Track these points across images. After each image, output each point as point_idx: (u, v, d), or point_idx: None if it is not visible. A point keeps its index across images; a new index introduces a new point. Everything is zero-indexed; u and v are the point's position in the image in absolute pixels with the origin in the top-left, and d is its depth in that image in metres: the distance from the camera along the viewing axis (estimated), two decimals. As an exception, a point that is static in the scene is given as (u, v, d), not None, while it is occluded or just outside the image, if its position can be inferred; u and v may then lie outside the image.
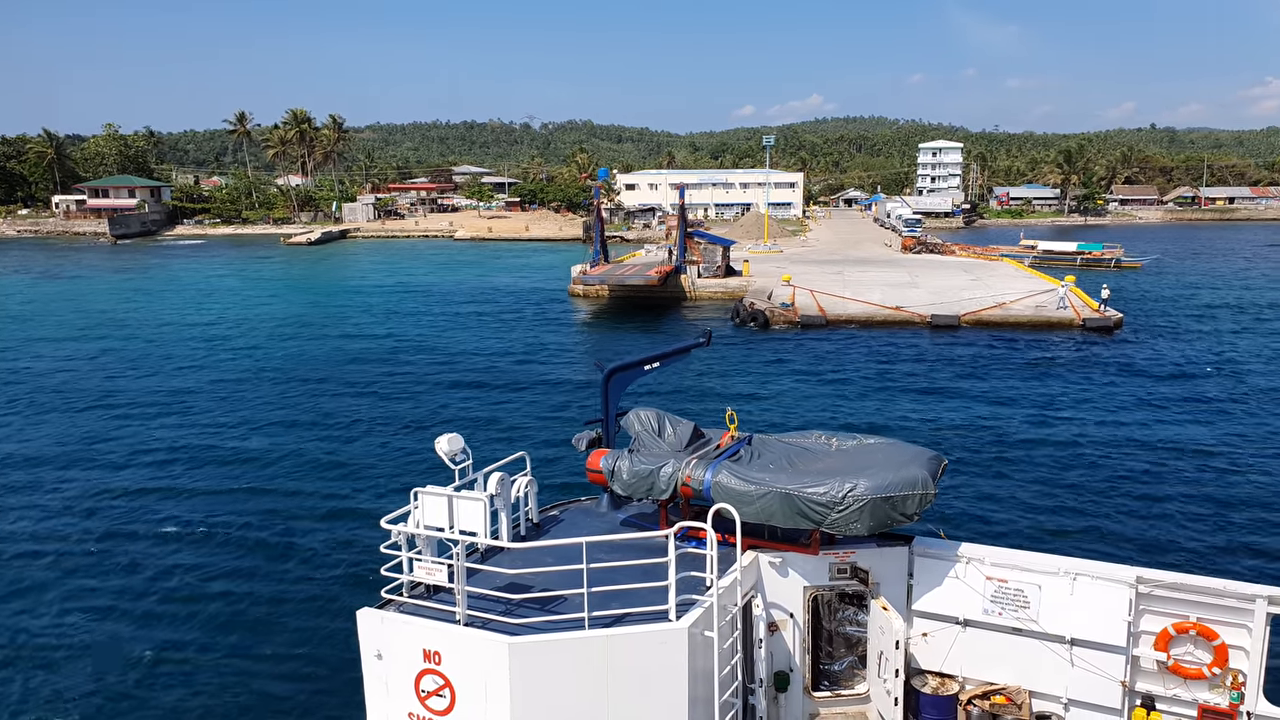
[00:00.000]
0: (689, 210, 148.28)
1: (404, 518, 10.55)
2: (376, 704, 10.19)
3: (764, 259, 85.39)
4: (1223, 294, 69.92)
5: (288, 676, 17.78)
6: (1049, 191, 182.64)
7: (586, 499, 13.59)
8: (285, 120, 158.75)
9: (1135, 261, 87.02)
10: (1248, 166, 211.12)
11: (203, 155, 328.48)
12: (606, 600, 9.81)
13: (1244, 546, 23.17)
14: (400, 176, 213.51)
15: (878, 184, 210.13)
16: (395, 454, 31.30)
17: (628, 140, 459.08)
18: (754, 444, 12.62)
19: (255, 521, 25.41)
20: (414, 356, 48.48)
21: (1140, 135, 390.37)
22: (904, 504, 10.84)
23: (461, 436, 11.45)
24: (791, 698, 11.86)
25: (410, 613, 10.07)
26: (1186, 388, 39.98)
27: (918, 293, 61.78)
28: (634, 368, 13.67)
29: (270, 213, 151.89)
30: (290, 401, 39.03)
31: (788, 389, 40.05)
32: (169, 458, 31.44)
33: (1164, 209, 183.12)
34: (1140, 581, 11.09)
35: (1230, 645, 10.81)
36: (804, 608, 11.69)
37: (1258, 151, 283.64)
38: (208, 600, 20.89)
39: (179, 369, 46.22)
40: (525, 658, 9.34)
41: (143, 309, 67.51)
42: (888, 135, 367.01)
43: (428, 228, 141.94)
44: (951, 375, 42.11)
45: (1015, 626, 11.56)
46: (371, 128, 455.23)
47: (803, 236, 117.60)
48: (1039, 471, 28.52)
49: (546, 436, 31.62)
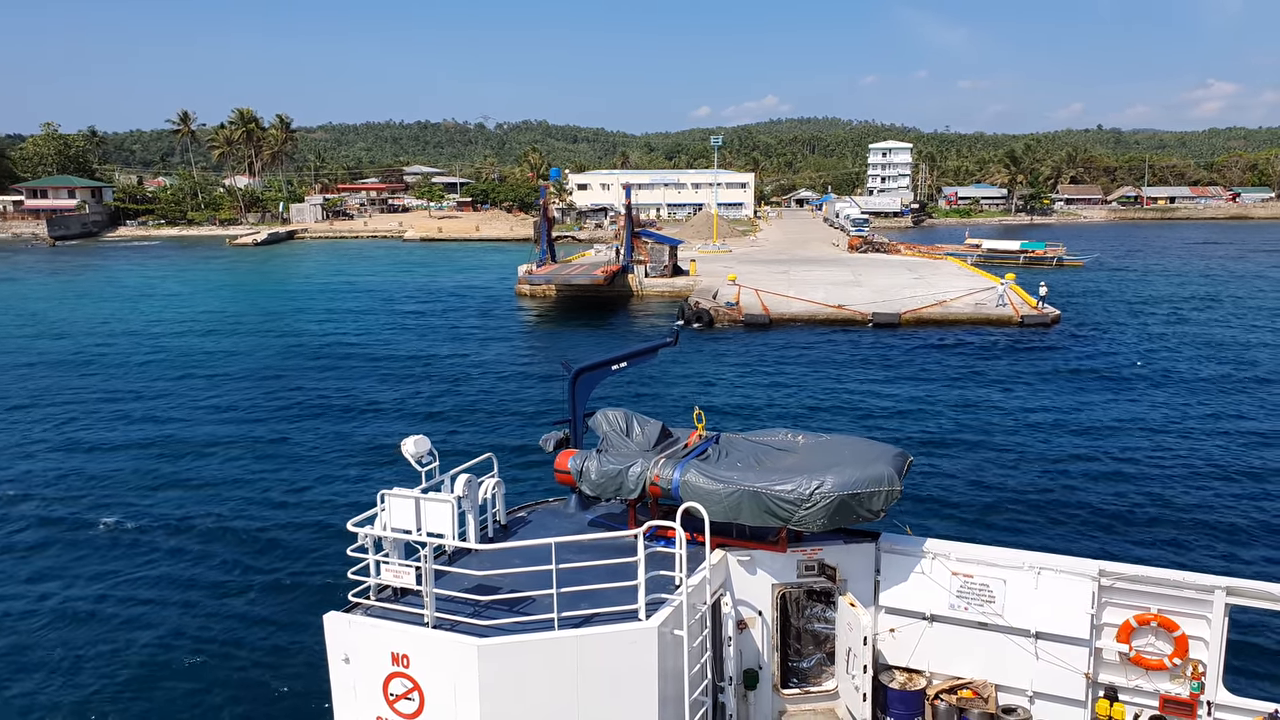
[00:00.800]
0: (640, 210, 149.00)
1: (370, 520, 10.43)
2: (344, 708, 10.09)
3: (713, 258, 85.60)
4: (1157, 290, 71.52)
5: (252, 683, 17.40)
6: (996, 191, 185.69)
7: (554, 500, 13.56)
8: (231, 120, 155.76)
9: (1077, 260, 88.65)
10: (1188, 167, 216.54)
11: (149, 156, 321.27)
12: (576, 601, 9.79)
13: (1201, 537, 23.48)
14: (351, 177, 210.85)
15: (829, 184, 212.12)
16: (338, 455, 30.80)
17: (583, 140, 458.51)
18: (722, 443, 12.67)
19: (211, 526, 24.80)
20: (351, 359, 47.71)
21: (1087, 136, 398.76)
22: (870, 500, 10.92)
23: (428, 438, 11.32)
24: (761, 695, 11.91)
25: (378, 616, 9.98)
26: (1121, 381, 40.71)
27: (861, 291, 62.28)
28: (601, 368, 13.66)
29: (216, 214, 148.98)
30: (234, 404, 38.22)
31: (730, 387, 40.08)
32: (111, 461, 30.67)
33: (1108, 208, 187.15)
34: (1103, 574, 11.23)
35: (1190, 636, 10.96)
36: (772, 605, 11.73)
37: (1199, 152, 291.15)
38: (168, 607, 20.39)
39: (114, 372, 45.02)
40: (494, 659, 9.30)
41: (78, 312, 65.74)
42: (841, 136, 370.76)
43: (377, 228, 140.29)
44: (892, 373, 42.43)
45: (981, 621, 11.66)
46: (324, 128, 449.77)
47: (753, 236, 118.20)
48: (977, 464, 28.76)
49: (491, 442, 31.31)
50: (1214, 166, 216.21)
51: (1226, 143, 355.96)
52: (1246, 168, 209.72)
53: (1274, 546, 22.86)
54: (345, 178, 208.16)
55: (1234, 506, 25.55)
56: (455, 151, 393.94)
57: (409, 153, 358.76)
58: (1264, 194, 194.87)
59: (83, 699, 16.99)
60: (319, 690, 11.69)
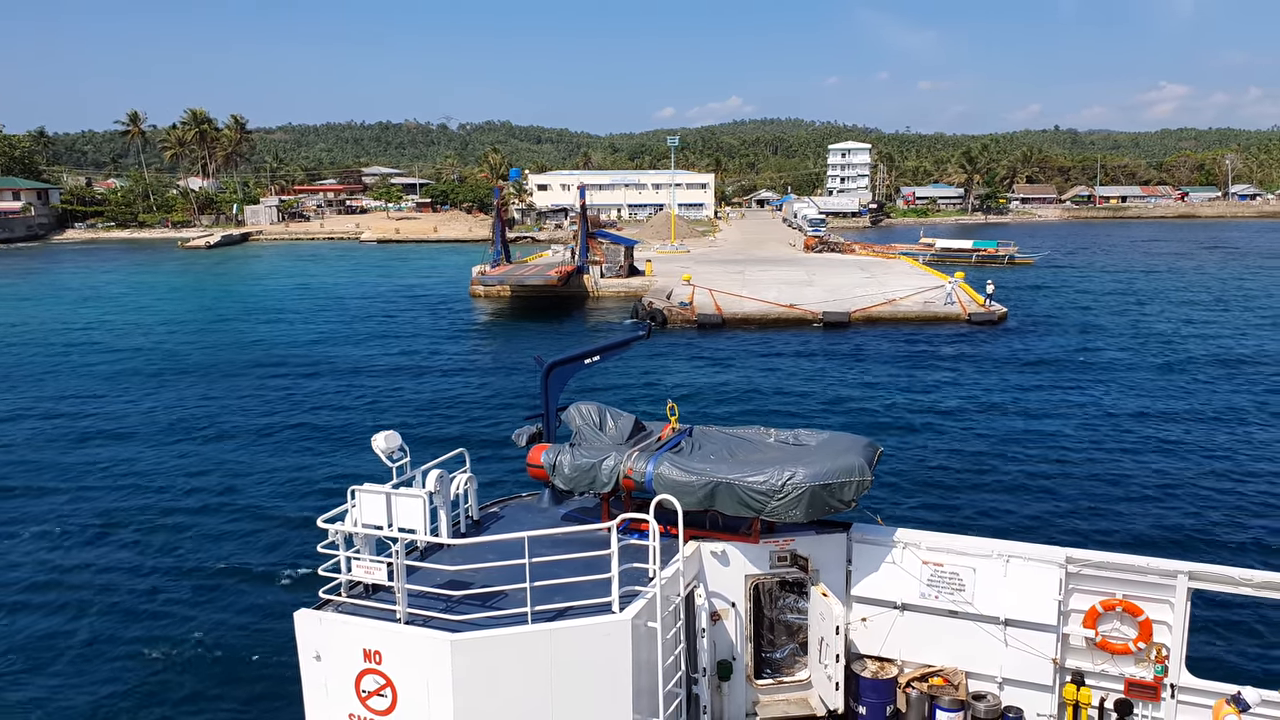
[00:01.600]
0: (600, 211, 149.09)
1: (341, 516, 10.35)
2: (316, 706, 10.02)
3: (670, 259, 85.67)
4: (1102, 286, 72.73)
5: (222, 683, 17.09)
6: (954, 191, 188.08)
7: (528, 494, 13.57)
8: (184, 120, 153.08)
9: (1028, 258, 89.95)
10: (1139, 166, 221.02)
11: (102, 157, 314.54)
12: (549, 594, 9.78)
13: (1161, 523, 23.77)
14: (309, 178, 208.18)
15: (789, 185, 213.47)
16: (298, 455, 30.46)
17: (547, 141, 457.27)
18: (695, 435, 12.76)
19: (174, 527, 24.40)
20: (300, 361, 47.04)
21: (1044, 136, 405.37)
22: (842, 491, 11.03)
23: (398, 434, 11.21)
24: (734, 686, 11.98)
25: (349, 612, 9.93)
26: (1066, 373, 41.31)
27: (813, 291, 62.63)
28: (574, 362, 13.66)
29: (169, 216, 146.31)
30: (187, 407, 37.50)
31: (680, 386, 40.08)
32: (61, 465, 30.06)
33: (1062, 207, 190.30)
34: (1070, 561, 11.43)
35: (1154, 620, 11.20)
36: (746, 596, 11.79)
37: (1152, 152, 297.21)
38: (132, 609, 20.02)
39: (50, 378, 43.97)
40: (468, 654, 9.28)
41: (14, 315, 64.15)
42: (803, 137, 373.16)
43: (333, 230, 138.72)
44: (840, 370, 42.65)
45: (951, 609, 11.82)
46: (284, 129, 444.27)
47: (712, 237, 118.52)
48: (924, 457, 28.99)
49: (435, 451, 31.05)
50: (1163, 166, 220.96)
51: (1178, 143, 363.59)
52: (1194, 168, 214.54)
53: (1233, 530, 23.25)
54: (303, 179, 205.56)
55: (1191, 492, 26.00)
56: (417, 152, 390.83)
57: (370, 154, 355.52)
58: (1210, 193, 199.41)
59: (45, 700, 16.68)
60: (290, 689, 11.59)
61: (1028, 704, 11.70)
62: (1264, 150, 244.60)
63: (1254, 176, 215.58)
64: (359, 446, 31.14)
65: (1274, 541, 22.50)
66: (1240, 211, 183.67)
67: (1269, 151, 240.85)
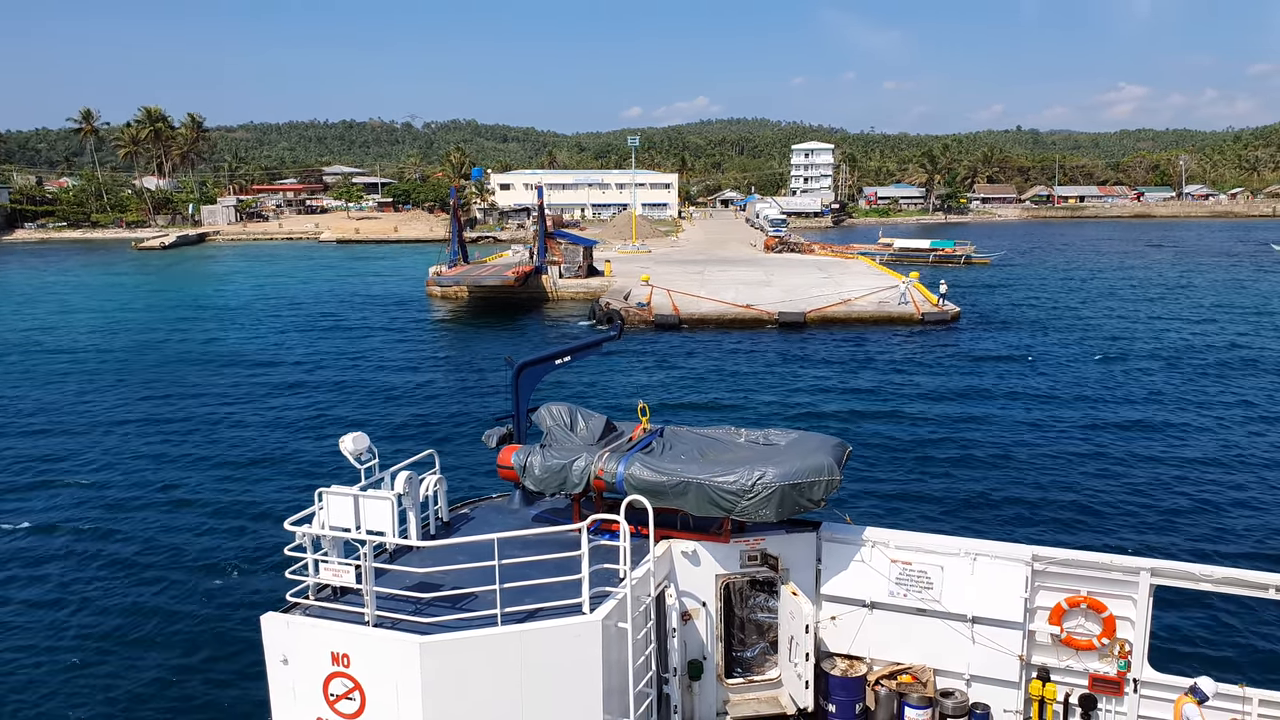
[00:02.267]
0: (563, 211, 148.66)
1: (308, 519, 10.25)
2: (283, 710, 9.94)
3: (631, 259, 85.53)
4: (1056, 284, 73.56)
5: (187, 687, 16.80)
6: (915, 191, 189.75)
7: (498, 495, 13.50)
8: (138, 118, 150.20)
9: (984, 257, 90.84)
10: (1096, 167, 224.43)
11: (56, 156, 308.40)
12: (520, 596, 9.76)
13: (1123, 519, 23.97)
14: (269, 177, 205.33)
15: (753, 185, 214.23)
16: (254, 457, 30.11)
17: (513, 140, 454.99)
18: (666, 436, 12.78)
19: (137, 530, 24.07)
20: (247, 363, 46.25)
21: (1006, 136, 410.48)
22: (811, 490, 11.09)
23: (366, 435, 11.10)
24: (705, 686, 12.03)
25: (317, 615, 9.87)
26: (1014, 372, 41.70)
27: (770, 291, 62.79)
28: (545, 362, 13.66)
29: (123, 216, 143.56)
30: (130, 409, 36.76)
31: (636, 385, 39.96)
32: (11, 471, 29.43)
33: (1021, 207, 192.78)
34: (1035, 559, 11.55)
35: (1118, 616, 11.40)
36: (716, 596, 11.86)
37: (1111, 152, 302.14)
38: (96, 614, 19.65)
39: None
40: (437, 657, 9.23)
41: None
42: (769, 137, 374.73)
43: (292, 230, 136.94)
44: (794, 370, 42.71)
45: (919, 607, 11.93)
46: (245, 127, 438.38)
47: (674, 237, 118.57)
48: (876, 458, 29.01)
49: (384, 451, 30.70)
50: (1120, 167, 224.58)
51: (1136, 144, 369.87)
52: (1150, 168, 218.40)
53: (1194, 526, 23.52)
54: (263, 178, 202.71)
55: (1147, 486, 26.32)
56: (382, 151, 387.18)
57: (334, 152, 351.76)
58: (1165, 193, 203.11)
59: (5, 710, 16.36)
60: (256, 693, 11.48)
61: (995, 700, 11.85)
62: (1217, 151, 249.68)
63: (1207, 177, 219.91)
64: (305, 450, 30.78)
65: (1234, 537, 22.79)
66: (1194, 211, 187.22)
67: (1222, 152, 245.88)
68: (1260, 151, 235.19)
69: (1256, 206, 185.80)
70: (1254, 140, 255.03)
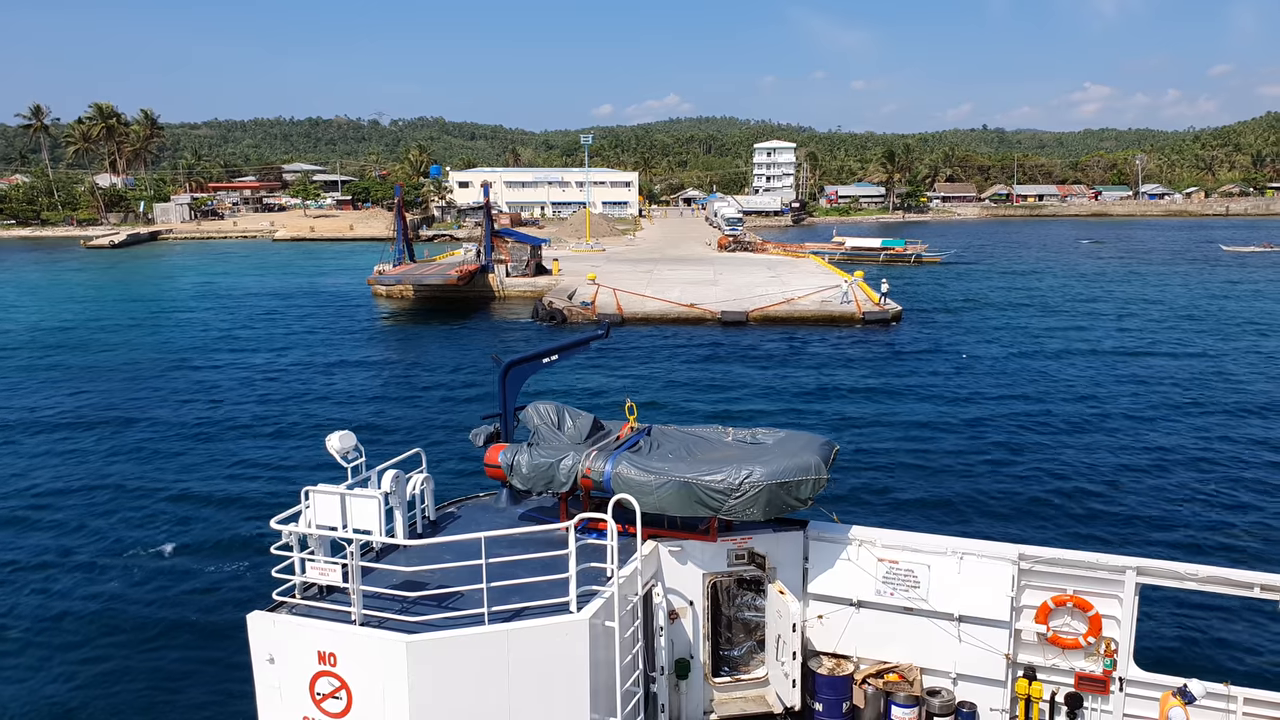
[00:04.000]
0: (524, 209, 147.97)
1: (295, 518, 10.24)
2: (269, 709, 9.93)
3: (583, 258, 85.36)
4: (1004, 282, 74.15)
5: (172, 687, 16.65)
6: (876, 190, 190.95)
7: (485, 494, 13.55)
8: (89, 115, 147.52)
9: (935, 256, 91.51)
10: (1055, 166, 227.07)
11: (11, 153, 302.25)
12: (507, 595, 9.78)
13: (1108, 517, 24.01)
14: (229, 175, 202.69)
15: (716, 183, 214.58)
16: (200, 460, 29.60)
17: (481, 138, 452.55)
18: (653, 435, 12.81)
19: (122, 526, 23.87)
20: (163, 365, 45.52)
21: (973, 135, 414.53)
22: (798, 489, 11.12)
23: (353, 433, 11.09)
24: (692, 684, 12.05)
25: (303, 614, 9.85)
26: (949, 370, 41.96)
27: (715, 290, 62.84)
28: (532, 360, 13.66)
29: (75, 214, 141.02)
30: (72, 406, 35.88)
31: (570, 383, 39.81)
32: None
33: (981, 205, 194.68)
34: (1022, 558, 11.58)
35: (1104, 615, 11.45)
36: (703, 594, 11.89)
37: (1076, 152, 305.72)
38: (80, 610, 19.52)
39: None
40: (424, 656, 9.23)
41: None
42: (737, 136, 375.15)
43: (247, 228, 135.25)
44: (733, 369, 42.71)
45: (906, 606, 11.98)
46: (209, 124, 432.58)
47: (631, 235, 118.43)
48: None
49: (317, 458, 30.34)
50: (1079, 166, 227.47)
51: (1099, 143, 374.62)
52: (1107, 167, 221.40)
53: (1180, 525, 23.58)
54: (222, 176, 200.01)
55: (1132, 485, 26.44)
56: (348, 149, 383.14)
57: (299, 150, 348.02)
58: (1122, 192, 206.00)
59: None
60: (242, 692, 11.44)
61: (981, 699, 11.92)
62: (1175, 151, 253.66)
63: (1164, 176, 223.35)
64: (227, 452, 30.44)
65: (1219, 535, 22.88)
66: (1149, 210, 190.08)
67: (1180, 152, 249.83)
68: (1217, 151, 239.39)
69: (1210, 206, 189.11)
70: (1212, 141, 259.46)
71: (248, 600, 16.09)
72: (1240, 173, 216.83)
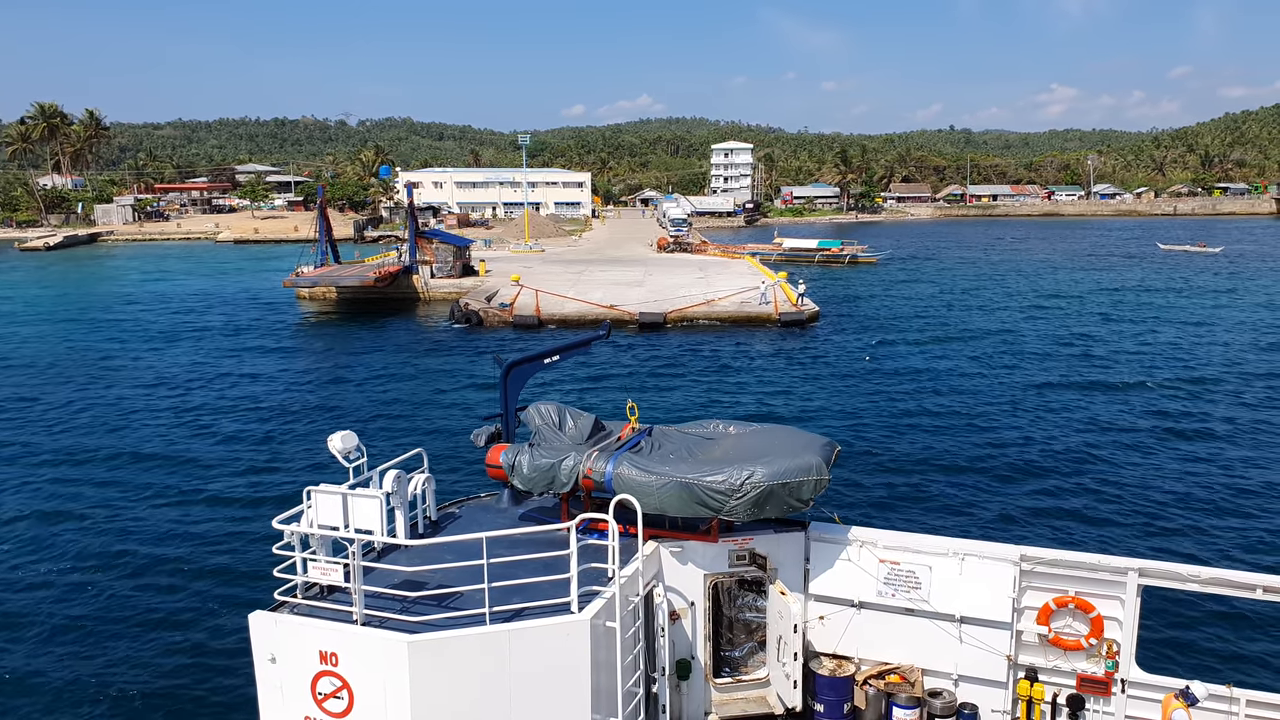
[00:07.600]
0: (474, 209, 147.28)
1: (296, 517, 10.25)
2: (271, 709, 9.93)
3: (520, 259, 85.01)
4: (937, 283, 74.56)
5: (174, 687, 16.59)
6: (831, 190, 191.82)
7: (486, 495, 13.58)
8: (30, 114, 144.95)
9: (871, 257, 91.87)
10: (1009, 166, 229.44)
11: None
12: (508, 595, 9.80)
13: (1109, 520, 23.77)
14: (182, 176, 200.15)
15: (673, 184, 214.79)
16: None
17: (449, 138, 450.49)
18: (654, 435, 12.85)
19: (122, 528, 23.64)
20: (73, 370, 44.69)
21: (939, 136, 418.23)
22: (800, 490, 11.12)
23: (355, 434, 11.13)
24: (693, 685, 12.05)
25: (305, 614, 9.88)
26: (856, 372, 41.81)
27: (639, 291, 62.64)
28: (533, 361, 13.83)
29: (13, 215, 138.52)
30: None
31: (468, 384, 39.52)
32: None
33: (935, 206, 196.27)
34: (1024, 559, 11.57)
35: (1105, 616, 11.40)
36: (705, 595, 11.88)
37: (1040, 152, 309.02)
38: (82, 610, 19.46)
39: None
40: (425, 655, 9.24)
41: None
42: (704, 136, 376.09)
43: (191, 230, 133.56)
44: (643, 370, 42.60)
45: (908, 607, 11.95)
46: (173, 124, 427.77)
47: (577, 236, 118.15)
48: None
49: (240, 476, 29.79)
50: (1033, 166, 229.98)
51: (1064, 144, 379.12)
52: (1061, 167, 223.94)
53: (1182, 527, 23.33)
54: (175, 176, 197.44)
55: (1135, 486, 26.12)
56: (314, 149, 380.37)
57: (264, 150, 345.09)
58: (1075, 192, 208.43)
59: None
60: (244, 692, 11.47)
61: (983, 700, 11.89)
62: (1132, 152, 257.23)
63: (1117, 177, 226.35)
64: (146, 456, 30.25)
65: (1221, 537, 22.68)
66: (1100, 210, 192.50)
67: (1137, 153, 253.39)
68: (1170, 152, 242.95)
69: (1158, 206, 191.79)
70: (1170, 142, 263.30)
71: (249, 600, 16.08)
72: (1190, 173, 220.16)
